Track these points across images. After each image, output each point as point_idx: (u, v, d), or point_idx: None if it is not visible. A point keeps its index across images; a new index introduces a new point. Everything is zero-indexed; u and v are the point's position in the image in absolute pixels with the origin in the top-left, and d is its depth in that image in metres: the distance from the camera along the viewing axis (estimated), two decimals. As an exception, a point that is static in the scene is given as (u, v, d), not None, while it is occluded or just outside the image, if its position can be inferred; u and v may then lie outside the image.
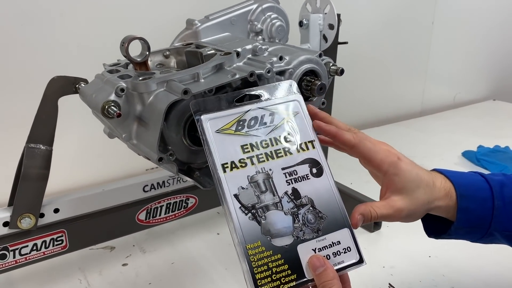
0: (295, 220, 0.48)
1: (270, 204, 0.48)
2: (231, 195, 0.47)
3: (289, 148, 0.52)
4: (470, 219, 0.55)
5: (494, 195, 0.55)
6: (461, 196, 0.55)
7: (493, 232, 0.56)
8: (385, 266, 0.85)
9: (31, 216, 0.71)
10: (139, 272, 0.83)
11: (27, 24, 0.94)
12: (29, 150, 0.69)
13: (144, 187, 0.83)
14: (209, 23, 0.76)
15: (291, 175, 0.50)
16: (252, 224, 0.46)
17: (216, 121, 0.51)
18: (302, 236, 0.48)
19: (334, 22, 0.90)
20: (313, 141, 0.53)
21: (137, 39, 0.62)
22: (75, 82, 0.70)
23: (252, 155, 0.50)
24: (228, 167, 0.49)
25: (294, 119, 0.54)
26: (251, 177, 0.49)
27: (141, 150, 0.62)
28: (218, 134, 0.51)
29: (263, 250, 0.46)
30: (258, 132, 0.52)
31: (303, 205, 0.49)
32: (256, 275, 0.45)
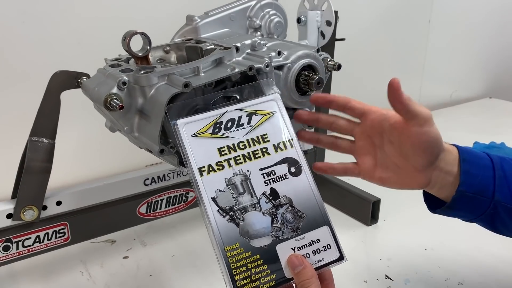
0: (273, 220, 0.48)
1: (248, 205, 0.48)
2: (209, 198, 0.48)
3: (267, 148, 0.52)
4: (473, 184, 0.55)
5: (494, 166, 0.57)
6: (463, 160, 0.56)
7: (497, 206, 0.56)
8: (382, 258, 0.86)
9: (34, 208, 0.72)
10: (140, 265, 0.85)
11: (28, 21, 0.95)
12: (32, 143, 0.70)
13: (145, 181, 0.84)
14: (209, 19, 0.77)
15: (269, 175, 0.50)
16: (230, 226, 0.47)
17: (192, 125, 0.52)
18: (281, 236, 0.48)
19: (331, 19, 0.91)
20: (291, 139, 0.53)
21: (138, 34, 0.64)
22: (77, 76, 0.71)
23: (230, 157, 0.50)
24: (205, 171, 0.49)
25: (271, 119, 0.54)
26: (229, 180, 0.49)
27: (142, 142, 0.64)
28: (194, 138, 0.51)
29: (242, 251, 0.46)
30: (235, 134, 0.52)
31: (281, 204, 0.49)
32: (235, 276, 0.45)
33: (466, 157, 0.57)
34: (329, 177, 1.08)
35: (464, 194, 0.56)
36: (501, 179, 0.56)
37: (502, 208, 0.56)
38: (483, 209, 0.57)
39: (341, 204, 1.04)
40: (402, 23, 1.65)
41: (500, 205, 0.56)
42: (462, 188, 0.56)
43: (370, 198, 0.97)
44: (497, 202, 0.56)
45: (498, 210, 0.56)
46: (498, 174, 0.56)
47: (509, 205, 0.56)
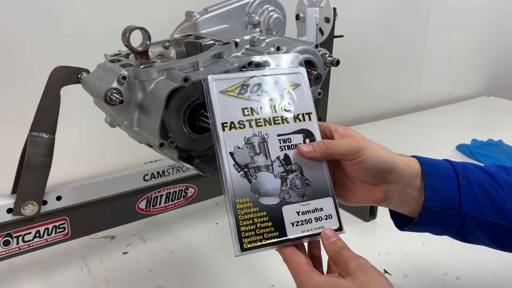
0: (283, 183, 0.51)
1: (262, 165, 0.51)
2: (227, 152, 0.51)
3: (287, 117, 0.55)
4: (438, 198, 0.54)
5: (458, 176, 0.55)
6: (426, 174, 0.55)
7: (465, 217, 0.55)
8: (380, 253, 0.87)
9: (34, 203, 0.72)
10: (139, 260, 0.85)
11: (28, 18, 0.96)
12: (32, 138, 0.71)
13: (145, 176, 0.84)
14: (208, 15, 0.78)
15: (285, 142, 0.53)
16: (243, 181, 0.50)
17: (221, 83, 0.54)
18: (288, 199, 0.51)
19: (330, 16, 0.91)
20: (311, 113, 0.56)
21: (138, 29, 0.64)
22: (77, 72, 0.71)
23: (251, 118, 0.53)
24: (227, 126, 0.52)
25: (295, 91, 0.56)
26: (248, 139, 0.52)
27: (142, 137, 0.64)
28: (221, 95, 0.53)
29: (250, 206, 0.49)
30: (259, 98, 0.55)
31: (292, 171, 0.52)
32: (241, 227, 0.48)
33: (429, 170, 0.55)
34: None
35: (430, 210, 0.54)
36: (466, 189, 0.55)
37: (470, 218, 0.55)
38: (451, 222, 0.55)
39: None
40: (400, 21, 1.65)
41: (467, 216, 0.55)
42: (427, 204, 0.54)
43: (369, 194, 0.97)
44: (464, 213, 0.55)
45: (466, 221, 0.55)
46: (463, 184, 0.55)
47: (476, 215, 0.55)
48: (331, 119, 1.24)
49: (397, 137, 1.51)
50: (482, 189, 0.55)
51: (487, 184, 0.56)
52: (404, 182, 0.55)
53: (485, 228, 0.56)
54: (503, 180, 0.57)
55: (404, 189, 0.55)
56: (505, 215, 0.55)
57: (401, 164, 0.55)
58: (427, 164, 0.56)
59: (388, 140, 1.51)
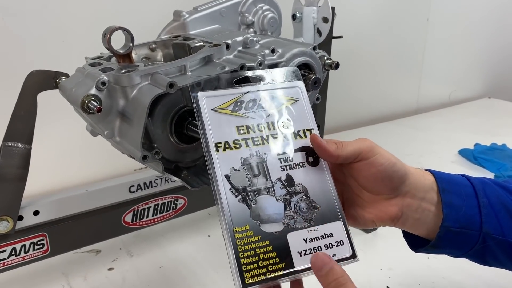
0: (286, 207, 0.46)
1: (262, 188, 0.46)
2: (222, 175, 0.45)
3: (286, 134, 0.50)
4: (458, 217, 0.49)
5: (477, 193, 0.51)
6: (443, 190, 0.50)
7: (486, 238, 0.50)
8: (383, 268, 0.82)
9: (9, 219, 0.67)
10: (125, 277, 0.80)
11: (8, 18, 0.90)
12: (6, 149, 0.65)
13: (130, 188, 0.79)
14: (198, 14, 0.72)
15: (286, 161, 0.48)
16: (242, 207, 0.45)
17: (213, 100, 0.49)
18: (293, 225, 0.46)
19: (328, 15, 0.87)
20: (312, 129, 0.51)
21: (119, 30, 0.59)
22: (56, 76, 0.66)
23: (248, 137, 0.48)
24: (221, 147, 0.47)
25: (294, 105, 0.52)
26: (245, 159, 0.47)
27: (124, 148, 0.59)
28: (214, 113, 0.48)
29: (251, 234, 0.44)
30: (255, 115, 0.50)
31: (296, 193, 0.47)
32: (242, 260, 0.42)
33: (446, 187, 0.50)
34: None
35: (449, 230, 0.49)
36: (487, 208, 0.50)
37: (492, 240, 0.50)
38: (472, 243, 0.50)
39: None
40: (400, 22, 1.61)
41: (489, 237, 0.50)
42: (446, 224, 0.49)
43: (370, 204, 0.92)
44: (486, 234, 0.50)
45: (488, 243, 0.50)
46: (483, 202, 0.50)
47: (499, 236, 0.50)
48: (330, 122, 1.20)
49: (397, 141, 1.46)
50: (504, 207, 0.50)
51: (508, 202, 0.51)
52: (420, 195, 0.50)
53: (508, 250, 0.50)
54: None
55: (420, 204, 0.50)
56: None
57: (414, 174, 0.50)
58: (443, 180, 0.51)
59: (387, 144, 1.46)
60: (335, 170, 0.52)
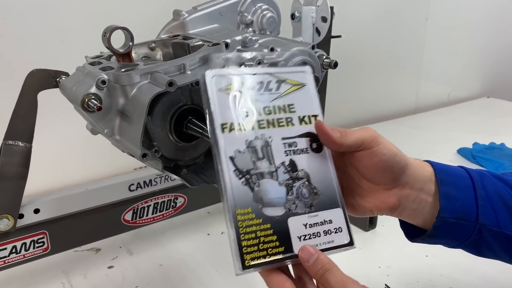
0: (288, 192, 0.46)
1: (266, 172, 0.46)
2: (227, 156, 0.45)
3: (292, 119, 0.49)
4: (455, 208, 0.50)
5: (475, 184, 0.51)
6: (442, 181, 0.51)
7: (482, 230, 0.51)
8: (381, 266, 0.82)
9: (9, 217, 0.67)
10: (125, 275, 0.80)
11: (8, 18, 0.90)
12: (7, 147, 0.66)
13: (130, 186, 0.79)
14: (197, 14, 0.73)
15: (290, 146, 0.48)
16: (245, 189, 0.44)
17: (221, 79, 0.48)
18: (294, 210, 0.46)
19: (327, 15, 0.87)
20: (317, 115, 0.51)
21: (119, 29, 0.59)
22: (56, 75, 0.66)
23: (253, 119, 0.48)
24: (227, 128, 0.46)
25: (300, 90, 0.51)
26: (249, 142, 0.47)
27: (124, 146, 0.59)
28: (221, 93, 0.48)
29: (253, 217, 0.44)
30: (262, 97, 0.49)
31: (299, 178, 0.47)
32: (243, 242, 0.42)
33: (444, 178, 0.51)
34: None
35: (445, 221, 0.50)
36: (484, 200, 0.51)
37: (487, 231, 0.51)
38: (468, 234, 0.51)
39: None
40: (399, 21, 1.62)
41: (485, 229, 0.51)
42: (443, 214, 0.50)
43: (368, 203, 0.93)
44: (482, 226, 0.51)
45: (483, 234, 0.51)
46: (480, 194, 0.51)
47: (494, 228, 0.51)
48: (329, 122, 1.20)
49: (395, 140, 1.43)
50: (501, 199, 0.51)
51: (505, 194, 0.51)
52: (418, 186, 0.51)
53: (503, 242, 0.51)
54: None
55: (418, 194, 0.51)
56: None
57: (414, 165, 0.51)
58: (441, 171, 0.51)
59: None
60: (336, 158, 0.52)
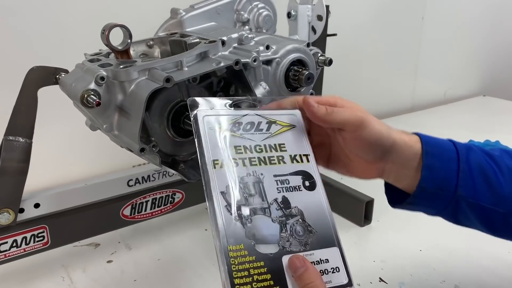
0: (282, 229, 0.46)
1: (258, 208, 0.46)
2: (218, 192, 0.45)
3: (283, 157, 0.50)
4: (435, 179, 0.52)
5: (460, 157, 0.53)
6: (426, 153, 0.52)
7: (459, 199, 0.53)
8: (376, 260, 0.84)
9: (10, 211, 0.68)
10: (124, 269, 0.81)
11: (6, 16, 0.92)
12: (7, 143, 0.67)
13: (129, 182, 0.81)
14: (194, 12, 0.74)
15: (282, 183, 0.48)
16: (237, 225, 0.44)
17: (212, 119, 0.50)
18: (289, 247, 0.45)
19: (322, 13, 0.88)
20: (308, 155, 0.52)
21: (118, 27, 0.61)
22: (55, 72, 0.67)
23: (245, 157, 0.48)
24: (218, 164, 0.47)
25: (291, 131, 0.53)
26: (241, 178, 0.47)
27: (123, 141, 0.61)
28: (212, 131, 0.49)
29: (246, 254, 0.43)
30: (253, 136, 0.50)
31: (292, 215, 0.47)
32: (235, 280, 0.41)
33: (430, 150, 0.53)
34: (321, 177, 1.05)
35: (424, 190, 0.53)
36: (465, 173, 0.52)
37: (465, 202, 0.53)
38: (445, 204, 0.54)
39: (333, 204, 0.98)
40: (395, 20, 1.63)
41: (462, 199, 0.53)
42: (422, 184, 0.52)
43: (364, 198, 0.94)
44: (460, 197, 0.53)
45: (460, 205, 0.53)
46: (463, 168, 0.52)
47: (471, 200, 0.53)
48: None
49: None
50: (482, 173, 0.53)
51: (488, 168, 0.53)
52: (401, 161, 0.53)
53: (479, 213, 0.54)
54: (505, 165, 0.54)
55: (400, 169, 0.53)
56: (501, 201, 0.53)
57: (401, 144, 0.53)
58: (428, 143, 0.53)
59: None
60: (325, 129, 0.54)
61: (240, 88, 0.66)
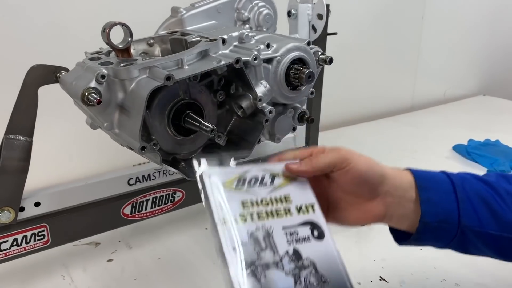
0: (296, 282, 0.46)
1: (271, 262, 0.46)
2: (230, 248, 0.45)
3: (290, 208, 0.51)
4: (436, 212, 0.52)
5: (456, 188, 0.53)
6: (421, 188, 0.53)
7: (465, 230, 0.52)
8: (376, 259, 0.84)
9: (11, 210, 0.68)
10: (125, 268, 0.81)
11: (7, 15, 0.91)
12: (8, 141, 0.67)
13: (129, 180, 0.80)
14: (195, 11, 0.74)
15: (292, 235, 0.49)
16: (251, 281, 0.44)
17: (217, 177, 0.51)
18: None
19: (323, 12, 0.88)
20: (313, 204, 0.52)
21: (119, 25, 0.60)
22: (56, 71, 0.67)
23: (252, 211, 0.49)
24: (227, 221, 0.47)
25: (294, 183, 0.53)
26: (251, 233, 0.47)
27: (123, 139, 0.61)
28: (218, 189, 0.50)
29: None
30: (258, 190, 0.51)
31: (305, 267, 0.47)
32: None
33: (424, 184, 0.53)
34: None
35: (428, 225, 0.52)
36: (465, 202, 0.52)
37: (471, 232, 0.53)
38: (451, 236, 0.53)
39: None
40: (395, 19, 1.63)
41: (467, 229, 0.52)
42: (425, 219, 0.52)
43: (364, 197, 0.94)
44: (464, 227, 0.52)
45: (467, 235, 0.53)
46: (461, 197, 0.52)
47: (477, 228, 0.52)
48: (325, 119, 1.21)
49: (392, 138, 1.48)
50: (482, 200, 0.53)
51: (487, 196, 0.53)
52: (399, 193, 0.53)
53: (488, 240, 0.53)
54: (503, 189, 0.54)
55: (401, 201, 0.53)
56: (506, 227, 0.52)
57: (393, 174, 0.53)
58: (421, 178, 0.54)
59: (382, 140, 1.49)
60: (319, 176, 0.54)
61: (240, 87, 0.66)
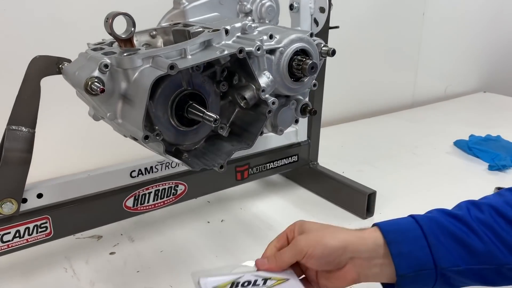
0: None
1: None
2: None
3: None
4: (409, 264, 0.52)
5: (425, 233, 0.53)
6: (390, 243, 0.53)
7: (444, 272, 0.52)
8: None
9: (13, 201, 0.68)
10: (127, 261, 0.81)
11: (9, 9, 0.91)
12: (10, 132, 0.67)
13: (132, 173, 0.80)
14: (197, 2, 0.74)
15: None
16: None
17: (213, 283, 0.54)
18: None
19: (325, 5, 0.88)
20: None
21: (121, 15, 0.60)
22: (58, 62, 0.67)
23: None
24: None
25: (286, 283, 0.55)
26: None
27: (126, 129, 0.61)
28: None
29: None
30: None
31: None
32: None
33: (392, 238, 0.53)
34: (322, 170, 1.05)
35: (405, 277, 0.53)
36: (436, 246, 0.52)
37: (450, 272, 0.53)
38: (433, 280, 0.53)
39: (335, 197, 1.01)
40: (396, 15, 1.63)
41: (446, 270, 0.52)
42: (400, 273, 0.53)
43: (366, 191, 0.94)
44: (442, 269, 0.52)
45: (447, 276, 0.53)
46: (432, 241, 0.53)
47: (454, 267, 0.52)
48: (327, 115, 1.21)
49: (393, 134, 1.48)
50: (454, 238, 0.53)
51: (458, 232, 0.53)
52: (366, 255, 0.54)
53: (469, 276, 0.53)
54: (475, 219, 0.54)
55: (370, 262, 0.54)
56: (485, 259, 0.52)
57: (354, 239, 0.54)
58: (389, 232, 0.54)
59: (383, 136, 1.49)
60: None
61: (243, 77, 0.66)
